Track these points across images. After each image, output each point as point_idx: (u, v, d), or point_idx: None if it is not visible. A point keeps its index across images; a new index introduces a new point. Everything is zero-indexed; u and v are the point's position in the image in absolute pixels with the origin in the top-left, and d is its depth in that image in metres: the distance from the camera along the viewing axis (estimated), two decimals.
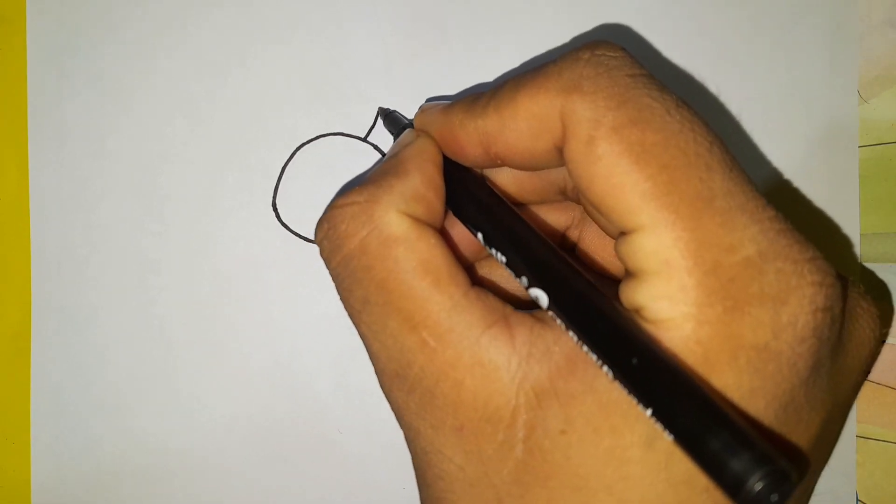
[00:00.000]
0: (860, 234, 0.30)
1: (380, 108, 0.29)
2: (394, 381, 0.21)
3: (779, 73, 0.30)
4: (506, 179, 0.24)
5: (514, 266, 0.21)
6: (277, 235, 0.29)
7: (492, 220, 0.22)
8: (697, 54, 0.30)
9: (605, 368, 0.18)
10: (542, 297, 0.20)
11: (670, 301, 0.18)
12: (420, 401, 0.20)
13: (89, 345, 0.29)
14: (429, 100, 0.29)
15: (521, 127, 0.20)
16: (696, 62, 0.30)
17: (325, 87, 0.29)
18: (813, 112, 0.30)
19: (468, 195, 0.22)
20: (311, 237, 0.29)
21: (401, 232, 0.20)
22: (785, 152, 0.30)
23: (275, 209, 0.29)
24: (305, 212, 0.29)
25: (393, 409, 0.21)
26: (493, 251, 0.21)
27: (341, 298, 0.22)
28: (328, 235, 0.21)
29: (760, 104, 0.30)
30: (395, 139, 0.27)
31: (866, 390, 0.30)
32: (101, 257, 0.29)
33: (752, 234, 0.18)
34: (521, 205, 0.25)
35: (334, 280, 0.22)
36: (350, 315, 0.22)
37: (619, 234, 0.19)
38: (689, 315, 0.18)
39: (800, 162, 0.30)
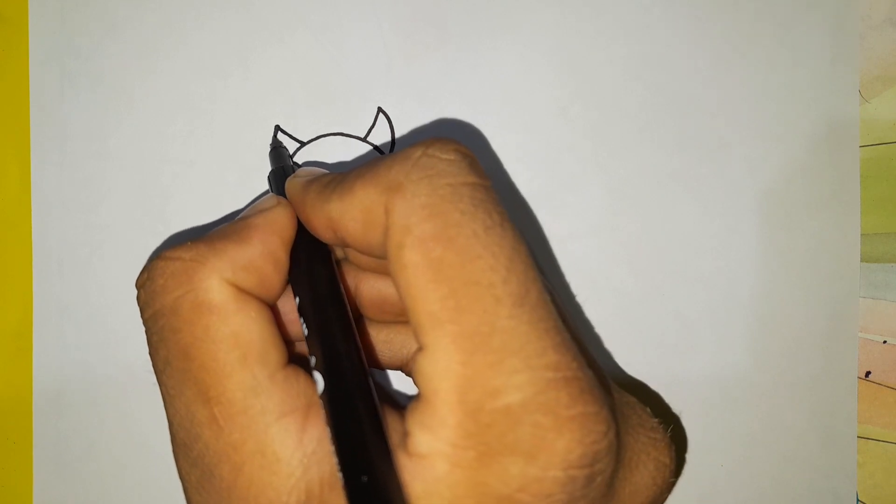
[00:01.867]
0: (861, 234, 0.30)
1: (273, 136, 0.29)
2: (180, 449, 0.20)
3: (780, 73, 0.30)
4: (373, 295, 0.23)
5: (309, 342, 0.20)
6: None
7: (309, 292, 0.21)
8: (698, 54, 0.30)
9: (339, 475, 0.18)
10: (319, 382, 0.19)
11: (431, 435, 0.18)
12: (200, 476, 0.20)
13: (91, 345, 0.29)
14: (307, 164, 0.29)
15: (356, 216, 0.20)
16: (696, 62, 0.30)
17: (325, 87, 0.30)
18: (814, 111, 0.30)
19: (304, 266, 0.22)
20: None
21: (218, 301, 0.20)
22: (786, 152, 0.30)
23: None
24: None
25: (179, 475, 0.21)
26: (301, 321, 0.21)
27: (149, 352, 0.21)
28: (145, 286, 0.21)
29: (761, 104, 0.30)
30: (268, 181, 0.27)
31: (867, 391, 0.30)
32: (103, 257, 0.29)
33: (520, 382, 0.17)
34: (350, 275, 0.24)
35: (146, 332, 0.21)
36: (154, 371, 0.21)
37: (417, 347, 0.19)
38: (443, 454, 0.18)
39: (801, 161, 0.30)
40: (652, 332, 0.30)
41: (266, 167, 0.29)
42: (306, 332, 0.20)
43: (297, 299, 0.21)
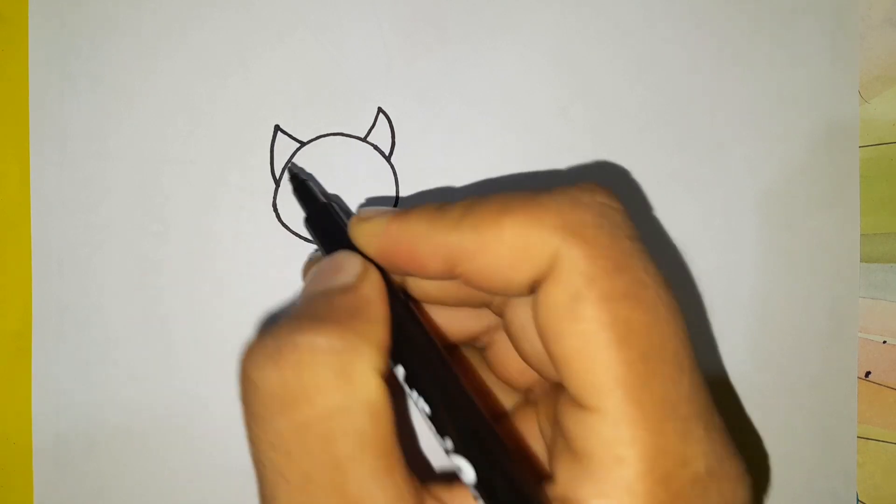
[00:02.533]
0: (861, 234, 0.30)
1: (289, 172, 0.27)
2: None
3: (779, 73, 0.30)
4: (430, 284, 0.21)
5: (439, 423, 0.18)
6: (277, 235, 0.29)
7: (422, 361, 0.19)
8: (698, 54, 0.30)
9: None
10: (467, 470, 0.18)
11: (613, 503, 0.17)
12: None
13: (90, 345, 0.29)
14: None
15: (502, 253, 0.18)
16: (696, 62, 0.30)
17: (325, 87, 0.30)
18: (813, 112, 0.30)
19: (400, 328, 0.20)
20: (311, 237, 0.29)
21: (378, 400, 0.17)
22: (785, 152, 0.30)
23: (275, 209, 0.29)
24: None
25: None
26: (415, 395, 0.19)
27: (263, 461, 0.18)
28: (285, 381, 0.17)
29: (761, 104, 0.30)
30: (307, 216, 0.25)
31: (867, 391, 0.30)
32: (103, 257, 0.29)
33: (704, 450, 0.17)
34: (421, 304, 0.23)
35: (263, 437, 0.18)
36: (268, 483, 0.18)
37: (569, 401, 0.18)
38: None
39: (800, 162, 0.30)
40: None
41: (266, 167, 0.29)
42: (426, 408, 0.19)
43: (400, 368, 0.19)
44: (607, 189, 0.19)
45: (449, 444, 0.18)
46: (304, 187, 0.26)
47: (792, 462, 0.30)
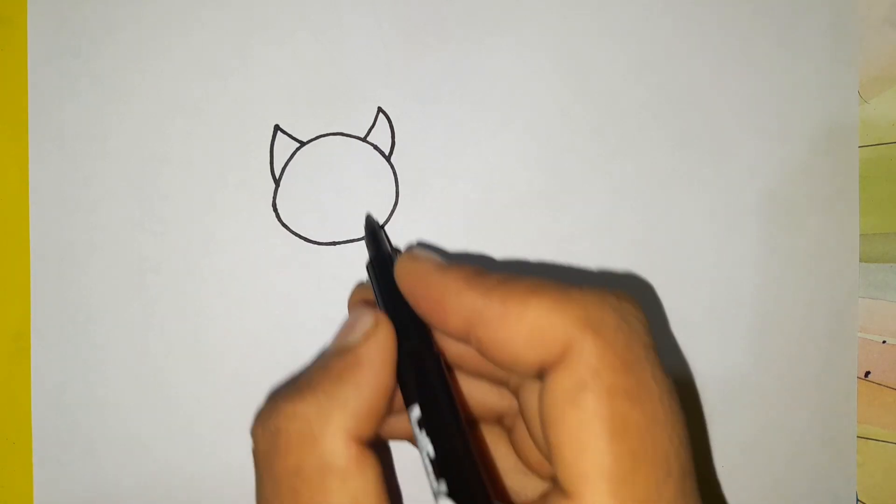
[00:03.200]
0: (860, 234, 0.30)
1: (367, 221, 0.28)
2: None
3: (779, 74, 0.30)
4: (452, 345, 0.23)
5: (438, 465, 0.20)
6: (277, 235, 0.29)
7: (436, 408, 0.20)
8: (698, 54, 0.30)
9: None
10: None
11: None
12: None
13: (90, 345, 0.29)
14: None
15: (521, 330, 0.19)
16: (696, 62, 0.30)
17: (325, 87, 0.29)
18: (813, 112, 0.30)
19: (423, 380, 0.21)
20: (312, 237, 0.29)
21: (341, 464, 0.19)
22: (785, 152, 0.30)
23: (275, 209, 0.29)
24: (305, 212, 0.29)
25: None
26: (423, 436, 0.20)
27: (257, 500, 0.21)
28: (266, 440, 0.20)
29: (761, 104, 0.30)
30: (371, 257, 0.26)
31: (867, 391, 0.30)
32: (102, 257, 0.29)
33: None
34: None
35: (258, 481, 0.21)
36: None
37: (556, 484, 0.19)
38: None
39: (800, 162, 0.30)
40: (652, 332, 0.30)
41: (266, 167, 0.29)
42: (432, 452, 0.20)
43: (415, 411, 0.21)
44: (634, 299, 0.20)
45: (443, 486, 0.19)
46: (376, 235, 0.27)
47: (792, 462, 0.30)
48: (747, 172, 0.30)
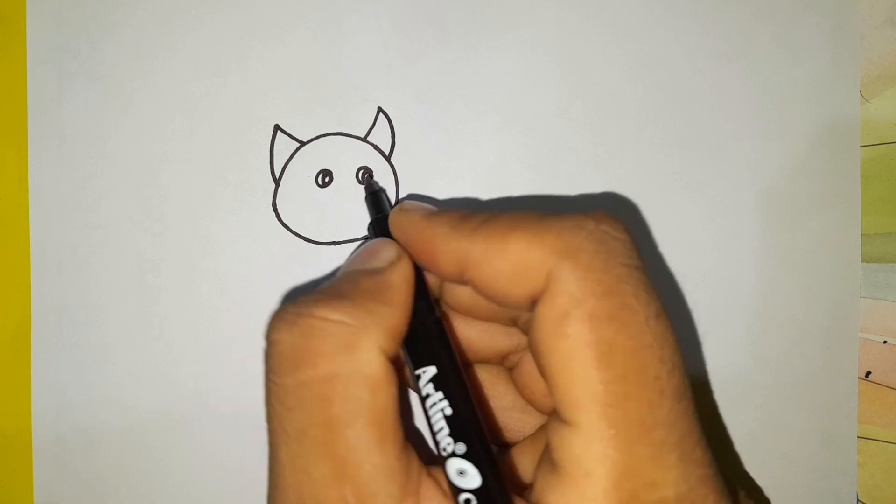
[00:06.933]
0: (861, 234, 0.30)
1: (367, 184, 0.29)
2: None
3: (780, 73, 0.30)
4: (464, 294, 0.23)
5: (457, 427, 0.20)
6: (277, 235, 0.29)
7: (453, 367, 0.21)
8: (699, 53, 0.30)
9: None
10: (472, 476, 0.19)
11: None
12: None
13: (90, 344, 0.29)
14: (409, 196, 0.29)
15: (504, 267, 0.19)
16: (697, 61, 0.30)
17: (325, 87, 0.29)
18: (814, 112, 0.30)
19: (409, 344, 0.21)
20: (312, 237, 0.29)
21: (377, 374, 0.19)
22: (786, 152, 0.30)
23: (275, 209, 0.29)
24: (305, 212, 0.29)
25: None
26: (439, 396, 0.20)
27: (270, 413, 0.20)
28: (294, 344, 0.19)
29: (762, 104, 0.30)
30: (372, 222, 0.26)
31: (867, 391, 0.30)
32: (102, 257, 0.29)
33: (675, 476, 0.18)
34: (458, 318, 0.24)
35: (273, 390, 0.19)
36: (272, 433, 0.20)
37: (554, 414, 0.19)
38: None
39: (801, 162, 0.30)
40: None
41: (266, 167, 0.29)
42: (450, 411, 0.20)
43: (430, 371, 0.21)
44: (614, 218, 0.20)
45: (461, 448, 0.19)
46: (377, 197, 0.27)
47: (792, 462, 0.30)
48: (747, 172, 0.30)
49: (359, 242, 0.30)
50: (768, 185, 0.30)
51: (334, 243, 0.29)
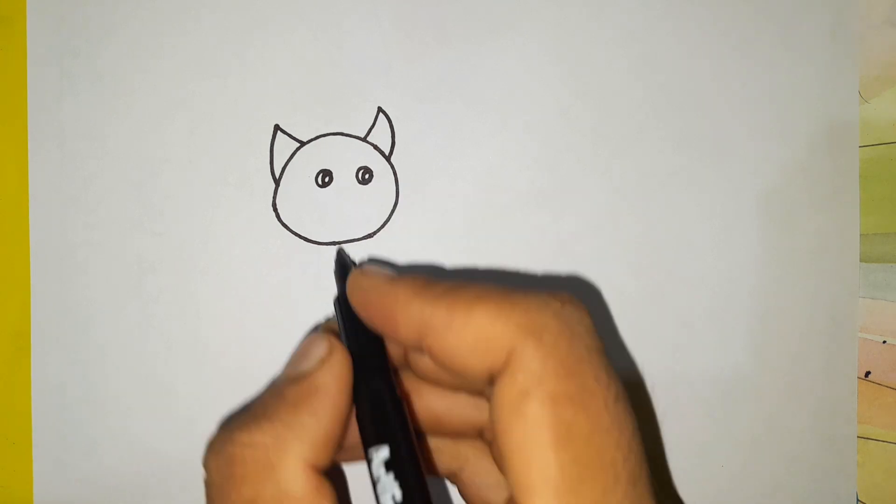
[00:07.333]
0: (861, 234, 0.30)
1: (338, 255, 0.27)
2: None
3: (779, 73, 0.30)
4: (430, 362, 0.22)
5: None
6: (277, 235, 0.29)
7: (407, 449, 0.20)
8: (698, 54, 0.30)
9: None
10: None
11: None
12: None
13: (90, 345, 0.29)
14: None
15: (466, 337, 0.19)
16: (697, 62, 0.30)
17: (325, 87, 0.29)
18: (813, 112, 0.30)
19: (361, 422, 0.21)
20: (312, 237, 0.29)
21: (301, 493, 0.19)
22: (785, 152, 0.30)
23: (275, 209, 0.29)
24: (305, 212, 0.29)
25: None
26: (390, 479, 0.20)
27: None
28: (220, 472, 0.20)
29: (761, 104, 0.30)
30: (339, 292, 0.25)
31: (867, 391, 0.30)
32: (101, 257, 0.29)
33: None
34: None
35: None
36: None
37: (510, 498, 0.18)
38: None
39: (800, 162, 0.30)
40: (652, 332, 0.30)
41: (266, 167, 0.29)
42: (400, 497, 0.20)
43: (383, 452, 0.20)
44: (578, 301, 0.20)
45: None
46: (346, 272, 0.27)
47: (792, 462, 0.30)
48: (747, 172, 0.30)
49: (358, 242, 0.30)
50: (768, 185, 0.30)
51: (334, 243, 0.29)
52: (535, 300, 0.19)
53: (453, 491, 0.26)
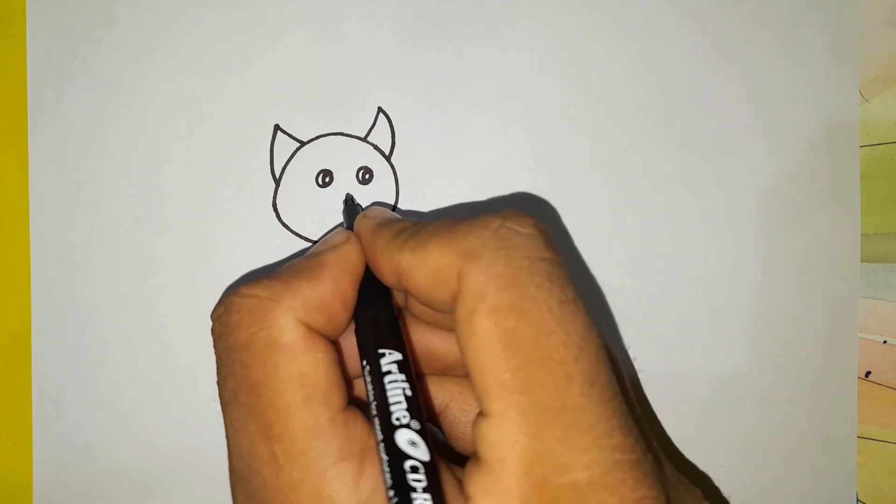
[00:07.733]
0: (861, 234, 0.30)
1: (346, 197, 0.29)
2: (238, 481, 0.21)
3: (780, 73, 0.30)
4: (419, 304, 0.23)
5: (415, 407, 0.20)
6: (277, 235, 0.29)
7: (373, 339, 0.21)
8: (699, 54, 0.30)
9: None
10: (423, 450, 0.19)
11: (493, 502, 0.18)
12: None
13: (90, 344, 0.29)
14: (374, 203, 0.30)
15: (426, 273, 0.20)
16: (697, 62, 0.30)
17: (325, 87, 0.29)
18: (814, 112, 0.30)
19: (370, 309, 0.22)
20: (311, 237, 0.29)
21: (289, 340, 0.20)
22: (786, 152, 0.30)
23: (275, 209, 0.29)
24: (305, 212, 0.29)
25: (233, 501, 0.22)
26: (401, 379, 0.21)
27: (217, 382, 0.22)
28: (220, 319, 0.21)
29: (762, 104, 0.30)
30: (345, 222, 0.27)
31: (867, 391, 0.30)
32: (101, 257, 0.29)
33: (588, 460, 0.18)
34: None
35: (216, 363, 0.22)
36: (220, 402, 0.22)
37: (479, 411, 0.19)
38: None
39: (801, 162, 0.30)
40: (652, 332, 0.30)
41: (266, 167, 0.29)
42: (369, 378, 0.21)
43: (360, 342, 0.22)
44: (521, 214, 0.21)
45: (416, 424, 0.20)
46: (351, 211, 0.28)
47: (792, 462, 0.30)
48: (747, 172, 0.30)
49: None
50: (768, 185, 0.30)
51: None
52: (477, 224, 0.20)
53: None
